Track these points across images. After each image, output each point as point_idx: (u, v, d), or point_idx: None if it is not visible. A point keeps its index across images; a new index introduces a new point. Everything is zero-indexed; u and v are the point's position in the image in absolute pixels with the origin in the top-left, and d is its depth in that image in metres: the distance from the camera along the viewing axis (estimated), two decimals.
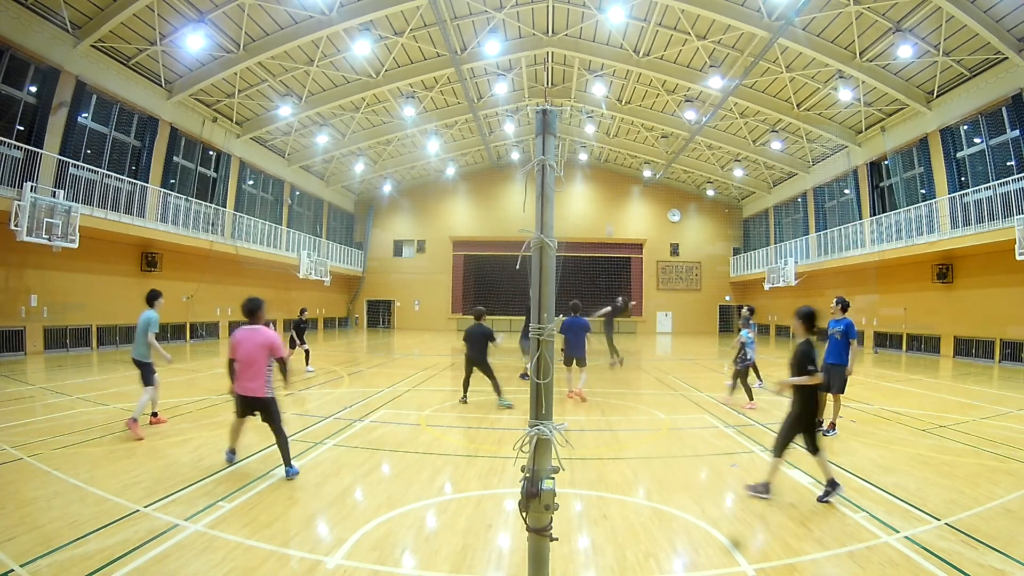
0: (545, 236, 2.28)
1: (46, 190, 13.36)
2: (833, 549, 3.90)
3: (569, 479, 5.22)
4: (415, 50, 19.94)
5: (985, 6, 13.75)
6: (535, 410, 2.22)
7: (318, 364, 14.98)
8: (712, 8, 16.56)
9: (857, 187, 22.55)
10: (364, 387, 11.35)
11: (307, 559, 3.70)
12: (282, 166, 25.90)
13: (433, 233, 34.16)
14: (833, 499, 4.85)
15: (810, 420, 5.00)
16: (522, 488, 2.15)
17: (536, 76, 23.93)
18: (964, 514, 4.51)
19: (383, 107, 23.60)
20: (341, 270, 30.87)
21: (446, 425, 8.06)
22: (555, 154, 2.33)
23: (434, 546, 3.98)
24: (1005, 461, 6.14)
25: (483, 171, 33.60)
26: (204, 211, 20.05)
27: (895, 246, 19.24)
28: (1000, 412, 9.14)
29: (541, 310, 2.27)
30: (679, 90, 22.23)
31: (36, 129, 13.90)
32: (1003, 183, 15.11)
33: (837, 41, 16.98)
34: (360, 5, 16.69)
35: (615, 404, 9.77)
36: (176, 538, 3.89)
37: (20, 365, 12.88)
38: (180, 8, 14.99)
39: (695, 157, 28.86)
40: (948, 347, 18.09)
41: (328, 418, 8.08)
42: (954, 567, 3.58)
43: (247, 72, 18.59)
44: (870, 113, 20.19)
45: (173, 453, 6.05)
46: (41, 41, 13.76)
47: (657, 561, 3.76)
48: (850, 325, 7.64)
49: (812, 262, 24.91)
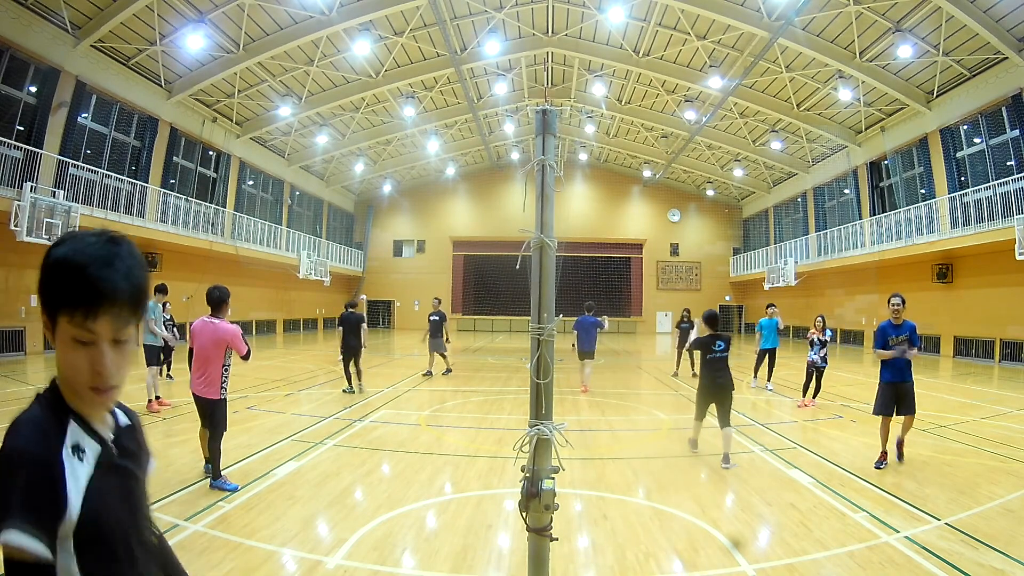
0: (545, 236, 2.28)
1: (46, 190, 13.35)
2: (833, 549, 3.89)
3: (569, 479, 5.22)
4: (415, 50, 19.94)
5: (985, 6, 13.74)
6: (535, 410, 2.22)
7: (318, 364, 14.99)
8: (712, 8, 16.56)
9: (857, 187, 22.55)
10: (364, 387, 11.33)
11: (307, 559, 3.70)
12: (282, 166, 25.90)
13: (433, 233, 34.16)
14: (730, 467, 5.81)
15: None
16: (522, 488, 2.15)
17: (536, 76, 23.93)
18: (964, 514, 4.51)
19: (383, 107, 23.59)
20: (341, 270, 30.86)
21: (446, 425, 8.06)
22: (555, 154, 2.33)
23: (434, 546, 3.98)
24: (1005, 461, 6.13)
25: (483, 171, 33.60)
26: (204, 211, 20.05)
27: (895, 246, 19.24)
28: (1000, 412, 9.14)
29: (541, 310, 2.27)
30: (679, 90, 22.23)
31: (36, 129, 13.89)
32: (1003, 183, 15.10)
33: (837, 41, 16.98)
34: (360, 5, 16.68)
35: (615, 404, 9.77)
36: (176, 538, 3.89)
37: (20, 365, 12.88)
38: (180, 8, 14.98)
39: (695, 157, 28.86)
40: (948, 347, 18.09)
41: (328, 418, 8.08)
42: (954, 567, 3.58)
43: (247, 72, 18.59)
44: (870, 113, 20.19)
45: (173, 453, 6.05)
46: (41, 41, 13.74)
47: (657, 561, 3.76)
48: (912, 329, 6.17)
49: (812, 262, 24.91)
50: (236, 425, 7.62)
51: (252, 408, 8.71)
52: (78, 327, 0.94)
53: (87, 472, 0.96)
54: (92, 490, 0.95)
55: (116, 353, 0.98)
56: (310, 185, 28.84)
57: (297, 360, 16.18)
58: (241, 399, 9.40)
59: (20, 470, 0.88)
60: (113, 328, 0.96)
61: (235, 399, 9.39)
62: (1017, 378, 13.51)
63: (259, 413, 8.37)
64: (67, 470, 0.92)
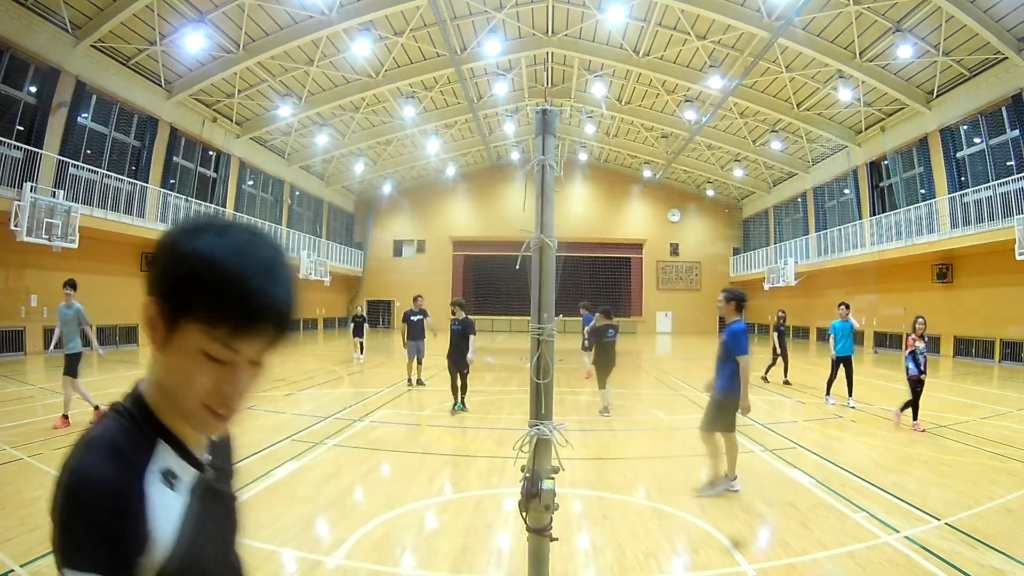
0: (545, 236, 2.28)
1: (46, 190, 13.35)
2: (833, 549, 3.89)
3: (569, 479, 5.22)
4: (415, 50, 19.93)
5: (985, 6, 13.74)
6: (535, 410, 2.22)
7: (317, 364, 14.99)
8: (712, 8, 16.56)
9: (857, 187, 22.55)
10: (364, 387, 11.35)
11: (307, 559, 3.70)
12: (282, 166, 25.89)
13: (433, 233, 34.14)
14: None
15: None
16: (522, 488, 2.15)
17: (536, 76, 23.93)
18: (964, 514, 4.51)
19: (383, 107, 23.59)
20: (341, 270, 30.84)
21: (446, 425, 8.06)
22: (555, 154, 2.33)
23: (434, 546, 3.98)
24: (1005, 461, 6.13)
25: (483, 171, 33.59)
26: (204, 211, 20.03)
27: (895, 246, 19.24)
28: (1000, 412, 9.14)
29: (541, 310, 2.27)
30: (679, 90, 22.22)
31: (36, 129, 13.88)
32: (1003, 183, 15.10)
33: (837, 41, 16.97)
34: (360, 5, 16.68)
35: (615, 404, 9.75)
36: None
37: (20, 365, 12.87)
38: (180, 8, 14.98)
39: (695, 157, 28.85)
40: (948, 347, 18.08)
41: (328, 418, 8.08)
42: (954, 567, 3.58)
43: (247, 72, 18.58)
44: (870, 113, 20.19)
45: None
46: (41, 41, 13.74)
47: (657, 561, 3.76)
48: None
49: (812, 262, 24.91)
50: (236, 425, 7.62)
51: (252, 408, 8.71)
52: (218, 342, 0.76)
53: (180, 502, 0.81)
54: (186, 523, 0.80)
55: (252, 376, 0.82)
56: (310, 185, 28.83)
57: (297, 360, 16.17)
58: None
59: (91, 503, 0.72)
60: (259, 350, 0.80)
61: None
62: (1017, 378, 13.51)
63: (259, 413, 8.36)
64: (152, 501, 0.77)
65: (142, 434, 0.81)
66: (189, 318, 0.76)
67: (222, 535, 0.93)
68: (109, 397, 3.43)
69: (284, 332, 0.81)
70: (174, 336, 0.78)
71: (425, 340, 11.10)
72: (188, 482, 0.84)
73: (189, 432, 0.86)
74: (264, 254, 0.80)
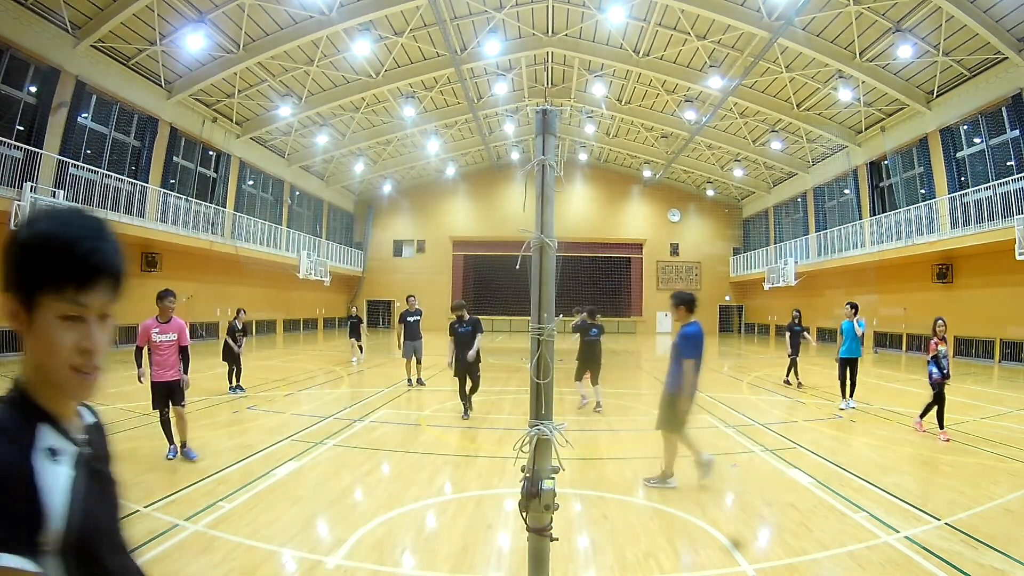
0: (545, 236, 2.28)
1: (46, 190, 13.34)
2: (833, 549, 3.89)
3: (569, 479, 5.22)
4: (415, 50, 19.94)
5: (985, 6, 13.74)
6: (535, 410, 2.22)
7: (317, 364, 14.97)
8: (712, 8, 16.56)
9: (857, 187, 22.55)
10: (364, 387, 11.35)
11: (307, 559, 3.70)
12: (282, 166, 25.89)
13: (433, 233, 34.14)
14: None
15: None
16: (522, 488, 2.15)
17: (536, 76, 23.93)
18: (964, 514, 4.51)
19: (383, 107, 23.59)
20: (341, 270, 30.83)
21: (446, 425, 8.06)
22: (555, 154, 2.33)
23: (434, 546, 3.98)
24: (1005, 461, 6.14)
25: (483, 171, 33.58)
26: (204, 211, 20.04)
27: (895, 246, 19.23)
28: (1000, 412, 9.14)
29: (541, 310, 2.27)
30: (679, 90, 22.22)
31: (36, 129, 13.88)
32: (1003, 183, 15.10)
33: (837, 41, 16.97)
34: (360, 5, 16.68)
35: (615, 404, 9.76)
36: (176, 538, 3.89)
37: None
38: (180, 8, 14.98)
39: (695, 157, 28.86)
40: (948, 347, 18.04)
41: (328, 418, 8.07)
42: (954, 567, 3.58)
43: (247, 72, 18.58)
44: (870, 113, 20.19)
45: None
46: (41, 41, 13.74)
47: (657, 561, 3.76)
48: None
49: (812, 262, 24.90)
50: (236, 425, 7.63)
51: (252, 408, 8.71)
52: (68, 301, 0.89)
53: (67, 475, 0.89)
54: (74, 494, 0.88)
55: (103, 328, 0.95)
56: (310, 185, 28.83)
57: (297, 360, 16.18)
58: (241, 399, 9.40)
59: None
60: (103, 302, 0.93)
61: (235, 399, 9.40)
62: (1017, 378, 13.51)
63: (259, 413, 8.37)
64: (43, 476, 0.85)
65: (24, 418, 0.90)
66: (41, 293, 0.89)
67: (109, 515, 1.01)
68: (109, 397, 3.45)
69: (119, 284, 0.96)
70: (35, 316, 0.89)
71: (423, 340, 11.15)
72: (71, 456, 0.92)
73: (65, 411, 0.96)
74: (90, 224, 0.94)
